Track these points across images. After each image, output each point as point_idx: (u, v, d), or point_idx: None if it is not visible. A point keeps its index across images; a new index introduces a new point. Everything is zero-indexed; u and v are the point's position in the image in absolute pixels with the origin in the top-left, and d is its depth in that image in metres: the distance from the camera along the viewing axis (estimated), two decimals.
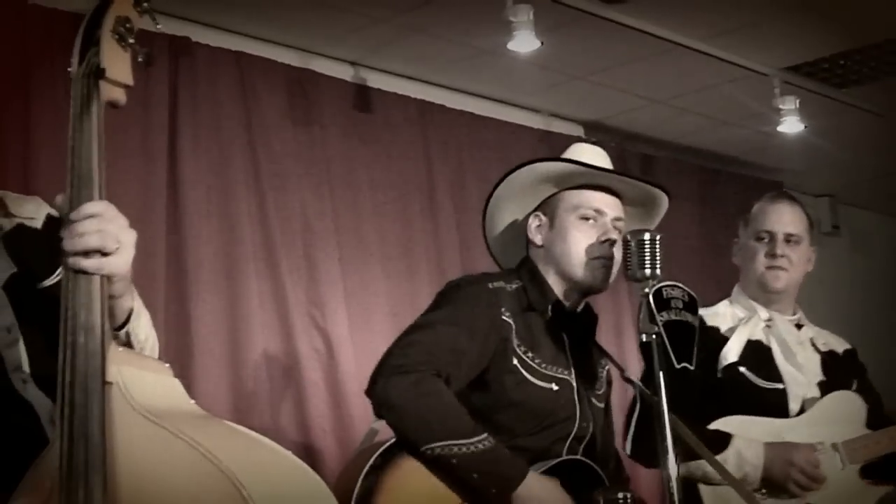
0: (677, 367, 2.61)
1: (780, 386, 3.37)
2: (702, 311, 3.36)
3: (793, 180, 7.18)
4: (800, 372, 3.40)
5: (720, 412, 3.29)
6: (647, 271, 2.63)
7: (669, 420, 2.51)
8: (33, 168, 3.92)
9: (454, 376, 2.69)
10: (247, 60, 4.65)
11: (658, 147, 6.35)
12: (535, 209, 2.96)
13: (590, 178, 2.91)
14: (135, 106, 4.27)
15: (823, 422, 3.33)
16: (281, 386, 4.54)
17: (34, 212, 2.23)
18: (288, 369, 4.57)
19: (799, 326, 3.54)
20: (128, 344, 1.98)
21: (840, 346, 3.60)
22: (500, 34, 4.43)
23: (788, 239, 3.44)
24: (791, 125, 5.43)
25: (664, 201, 3.03)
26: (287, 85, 4.79)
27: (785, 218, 3.45)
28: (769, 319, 3.47)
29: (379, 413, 2.64)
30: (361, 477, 2.55)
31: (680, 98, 5.68)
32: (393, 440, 2.64)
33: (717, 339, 3.41)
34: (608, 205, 2.91)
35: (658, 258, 2.64)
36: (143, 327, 2.04)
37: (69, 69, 1.91)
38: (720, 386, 3.35)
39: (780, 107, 5.35)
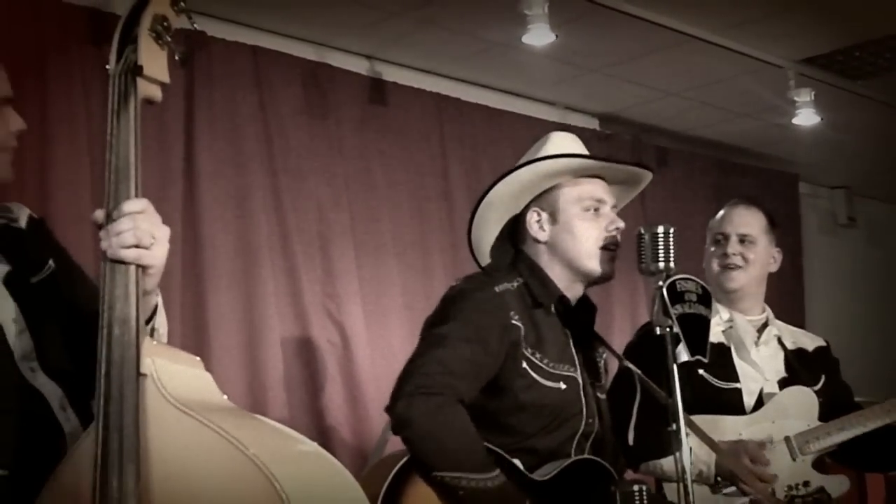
0: (691, 359, 2.64)
1: (738, 385, 3.46)
2: None
3: (808, 172, 7.18)
4: (755, 369, 3.48)
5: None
6: (661, 265, 2.65)
7: (682, 412, 2.54)
8: (49, 162, 3.94)
9: (471, 393, 2.70)
10: (262, 54, 4.66)
11: (673, 139, 6.35)
12: (531, 205, 2.93)
13: (596, 170, 2.92)
14: None
15: (778, 416, 3.42)
16: (296, 378, 4.56)
17: (17, 213, 2.26)
18: (303, 361, 4.60)
19: (765, 326, 3.60)
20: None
21: (812, 343, 3.67)
22: (515, 27, 4.45)
23: (742, 239, 3.55)
24: (806, 117, 5.44)
25: (647, 178, 3.04)
26: (302, 79, 4.80)
27: (736, 220, 3.58)
28: (730, 320, 3.55)
29: (397, 431, 2.63)
30: (385, 487, 2.55)
31: (695, 90, 5.68)
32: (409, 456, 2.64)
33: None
34: (606, 192, 2.93)
35: (672, 251, 2.65)
36: (163, 323, 2.10)
37: (107, 66, 1.94)
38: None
39: (795, 99, 5.35)
